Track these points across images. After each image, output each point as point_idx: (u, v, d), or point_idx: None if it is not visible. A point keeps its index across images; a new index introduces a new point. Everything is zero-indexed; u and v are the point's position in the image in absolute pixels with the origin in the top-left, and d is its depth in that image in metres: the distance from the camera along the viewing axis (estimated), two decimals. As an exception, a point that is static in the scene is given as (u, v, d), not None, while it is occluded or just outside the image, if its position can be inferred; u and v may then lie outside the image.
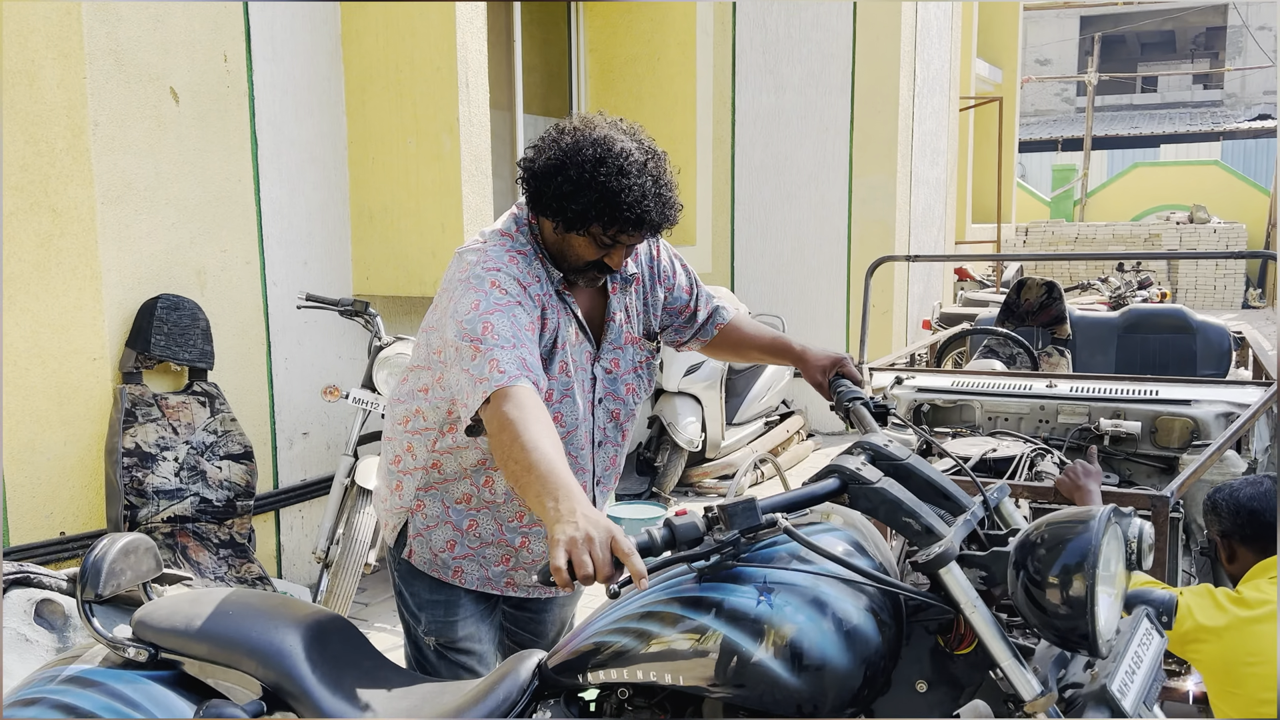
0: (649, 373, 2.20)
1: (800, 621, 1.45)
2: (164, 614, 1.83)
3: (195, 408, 3.77)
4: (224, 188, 4.02)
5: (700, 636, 1.48)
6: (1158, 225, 16.54)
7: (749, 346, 2.34)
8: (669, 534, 1.47)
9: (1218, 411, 3.43)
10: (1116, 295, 8.74)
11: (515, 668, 1.68)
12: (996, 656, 1.44)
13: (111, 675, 1.79)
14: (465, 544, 2.11)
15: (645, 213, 1.91)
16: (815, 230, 7.49)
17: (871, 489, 1.57)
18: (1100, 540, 1.41)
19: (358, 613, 4.28)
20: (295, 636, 1.76)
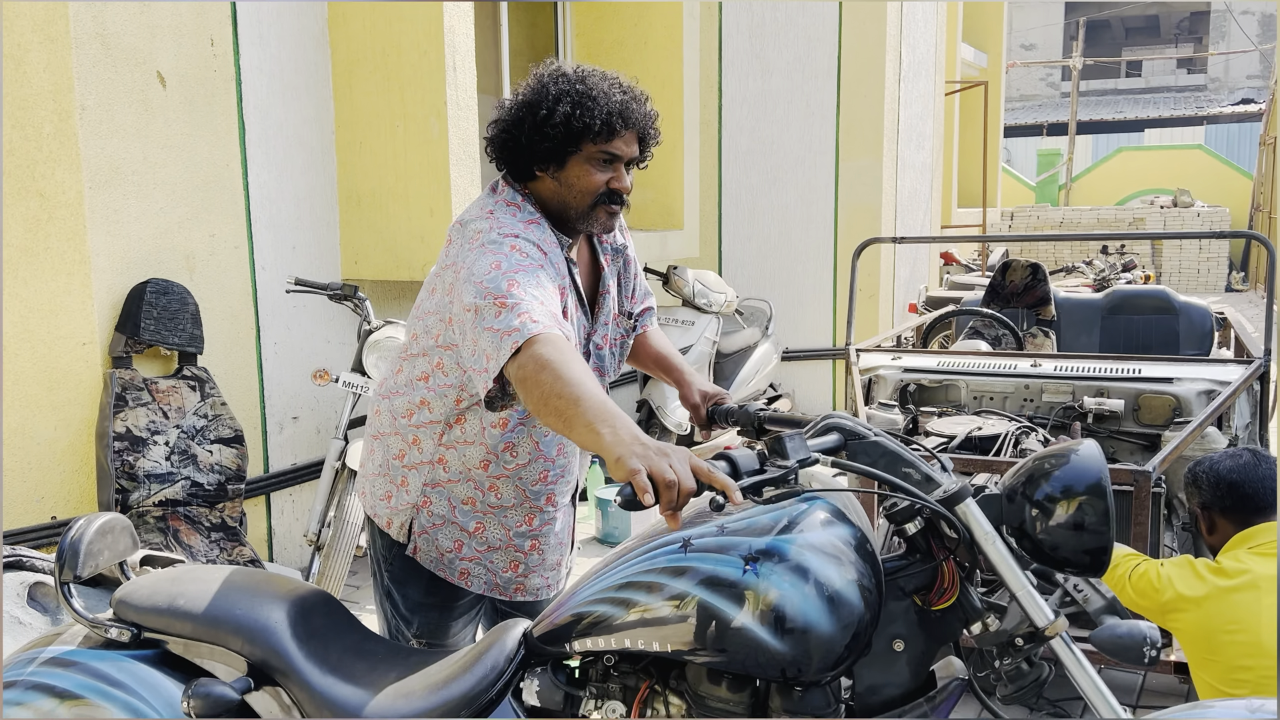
0: (622, 352, 2.18)
1: (783, 588, 1.47)
2: (145, 593, 1.81)
3: (185, 392, 3.78)
4: (212, 172, 4.02)
5: (681, 602, 1.50)
6: (1142, 209, 16.64)
7: (647, 358, 2.28)
8: (730, 466, 1.49)
9: (1199, 389, 3.47)
10: (1101, 278, 8.80)
11: (501, 637, 1.69)
12: (1012, 587, 1.51)
13: (93, 655, 1.78)
14: (472, 547, 2.05)
15: (625, 107, 1.89)
16: (802, 214, 7.51)
17: (870, 443, 1.61)
18: (1103, 459, 1.53)
19: (349, 595, 4.30)
20: (279, 612, 1.76)
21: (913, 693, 1.57)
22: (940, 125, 9.70)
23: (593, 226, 1.96)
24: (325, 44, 4.56)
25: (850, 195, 7.44)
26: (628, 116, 1.90)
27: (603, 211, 1.94)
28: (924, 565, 1.57)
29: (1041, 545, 1.54)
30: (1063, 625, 1.51)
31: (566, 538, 2.17)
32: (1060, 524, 1.51)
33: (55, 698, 1.72)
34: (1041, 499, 1.53)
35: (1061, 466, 1.54)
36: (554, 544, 2.12)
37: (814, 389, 7.61)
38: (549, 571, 2.13)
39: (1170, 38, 31.63)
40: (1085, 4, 28.67)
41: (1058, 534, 1.52)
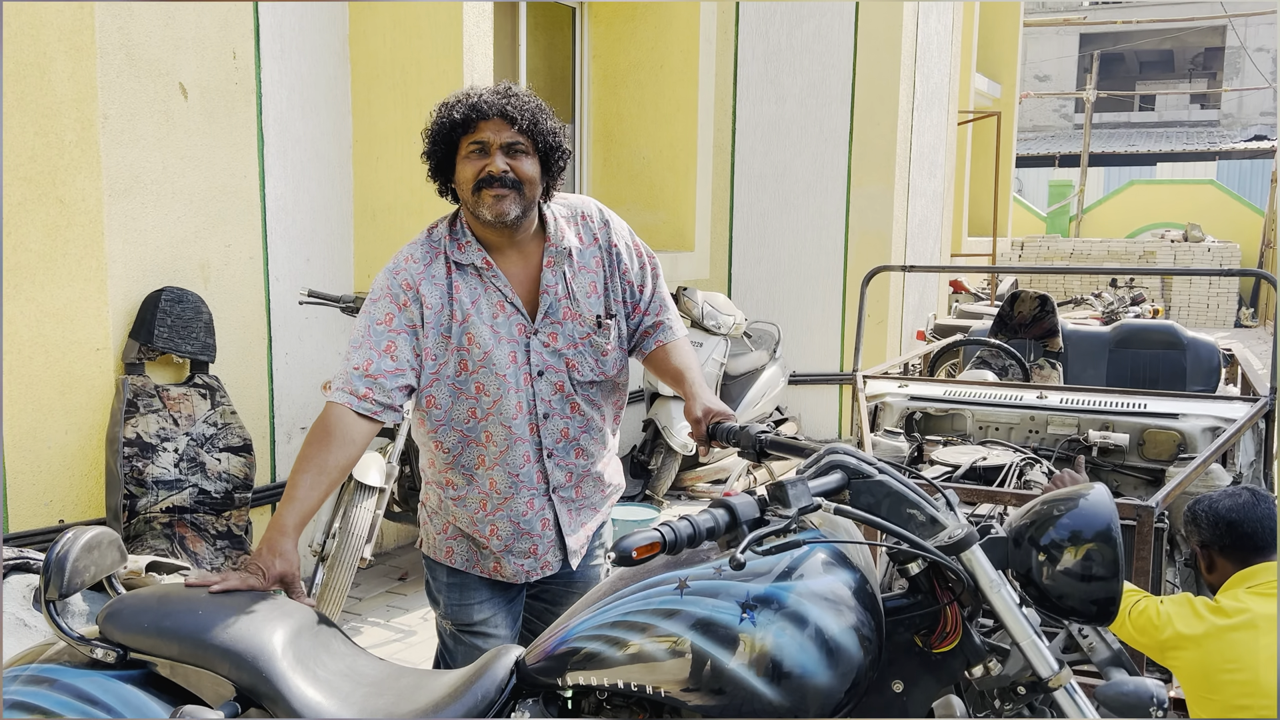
0: (593, 350, 2.19)
1: (781, 636, 1.45)
2: (132, 613, 1.77)
3: (196, 400, 3.80)
4: (229, 183, 4.06)
5: (674, 644, 1.48)
6: (1152, 243, 16.64)
7: (666, 370, 2.32)
8: (729, 515, 1.48)
9: (1205, 425, 3.48)
10: (1109, 311, 8.81)
11: (492, 665, 1.67)
12: (1016, 636, 1.48)
13: (78, 675, 1.73)
14: (454, 530, 2.26)
15: (485, 99, 2.06)
16: (813, 239, 7.54)
17: (875, 483, 1.56)
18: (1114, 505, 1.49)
19: (352, 607, 4.31)
20: (269, 634, 1.72)
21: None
22: (952, 154, 9.74)
23: (484, 212, 2.07)
24: (345, 59, 4.61)
25: (861, 221, 7.46)
26: (481, 107, 2.05)
27: (486, 195, 2.06)
28: (927, 607, 1.54)
29: (1048, 592, 1.50)
30: (1067, 677, 1.47)
31: (540, 530, 2.21)
32: (1068, 572, 1.48)
33: (36, 717, 1.68)
34: (1049, 545, 1.49)
35: (1070, 511, 1.50)
36: (516, 532, 2.20)
37: (820, 413, 7.62)
38: (521, 559, 2.23)
39: (1184, 72, 31.70)
40: (1100, 36, 28.76)
41: (1065, 582, 1.48)
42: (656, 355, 2.33)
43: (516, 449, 2.16)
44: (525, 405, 2.14)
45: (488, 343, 2.11)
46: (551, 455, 2.19)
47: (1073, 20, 25.81)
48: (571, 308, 2.17)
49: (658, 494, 5.95)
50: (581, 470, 2.25)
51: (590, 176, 7.33)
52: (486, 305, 2.13)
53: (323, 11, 4.48)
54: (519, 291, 2.16)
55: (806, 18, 7.39)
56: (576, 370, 2.18)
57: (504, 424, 2.14)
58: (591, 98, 7.25)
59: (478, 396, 2.13)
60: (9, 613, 3.05)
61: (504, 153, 2.07)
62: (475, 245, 2.14)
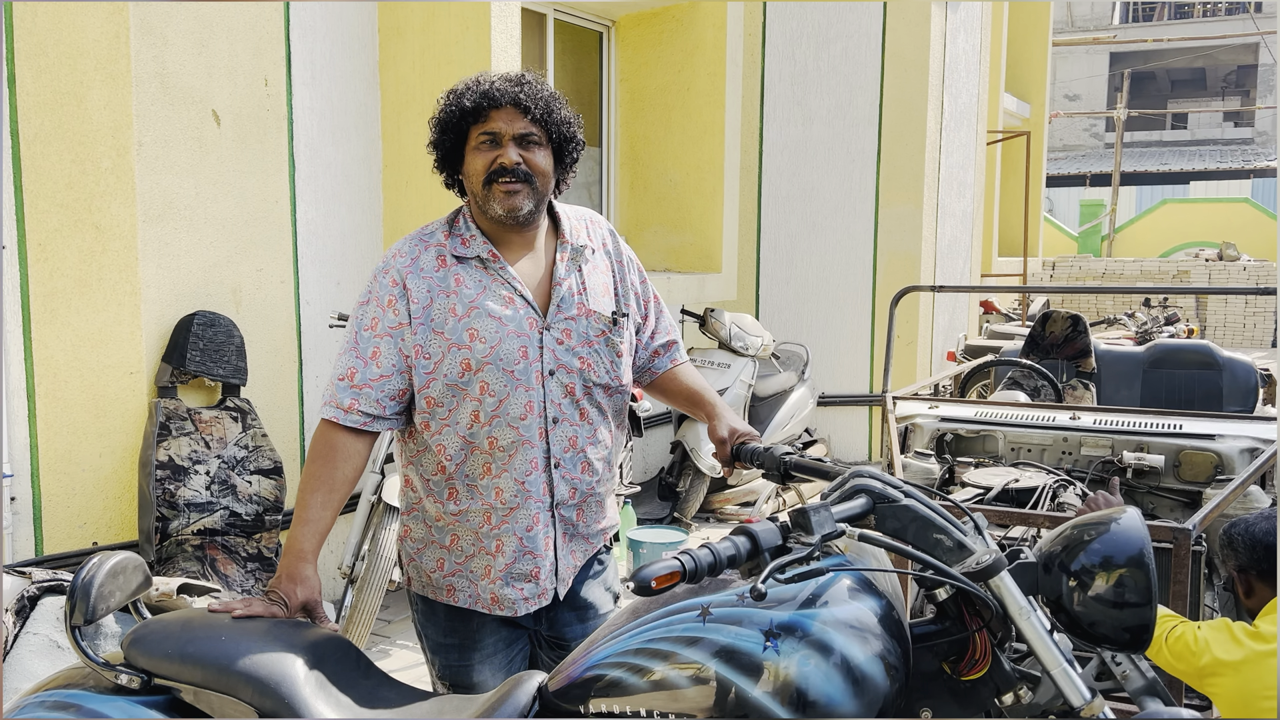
0: (609, 349, 2.09)
1: (805, 665, 1.43)
2: (155, 638, 1.78)
3: (227, 422, 3.84)
4: (261, 208, 4.11)
5: (697, 672, 1.47)
6: (1186, 262, 16.46)
7: (678, 394, 2.28)
8: (751, 543, 1.46)
9: (1242, 447, 3.42)
10: (1143, 331, 8.71)
11: (515, 690, 1.66)
12: (1047, 663, 1.44)
13: (102, 701, 1.73)
14: (452, 560, 2.08)
15: (497, 87, 1.98)
16: (841, 260, 7.52)
17: (900, 507, 1.54)
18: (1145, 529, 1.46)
19: (381, 629, 4.32)
20: (292, 661, 1.72)
21: None
22: (982, 174, 9.69)
23: (495, 207, 2.00)
24: (375, 85, 4.66)
25: (890, 242, 7.44)
26: (495, 95, 1.97)
27: (497, 190, 1.98)
28: (955, 634, 1.51)
29: (1079, 619, 1.47)
30: (1100, 706, 1.44)
31: (544, 550, 2.06)
32: (1099, 598, 1.44)
33: None
34: (1079, 571, 1.45)
35: (1101, 536, 1.46)
36: (520, 550, 2.04)
37: (850, 435, 7.57)
38: (522, 583, 2.06)
39: (1217, 90, 31.45)
40: (1130, 55, 28.60)
41: (1096, 609, 1.45)
42: (669, 377, 2.29)
43: (524, 454, 2.01)
44: (536, 406, 2.01)
45: (494, 336, 1.98)
46: (559, 465, 2.05)
47: (1102, 39, 25.70)
48: (585, 303, 2.07)
49: (686, 516, 5.93)
50: (585, 489, 2.10)
51: (618, 198, 7.35)
52: (493, 298, 2.00)
53: (353, 39, 4.53)
54: (530, 286, 2.05)
55: (833, 39, 7.40)
56: (592, 370, 2.06)
57: (511, 425, 2.00)
58: (619, 120, 7.29)
59: (481, 398, 1.98)
60: (43, 634, 3.08)
61: (516, 144, 1.98)
62: (481, 239, 2.04)
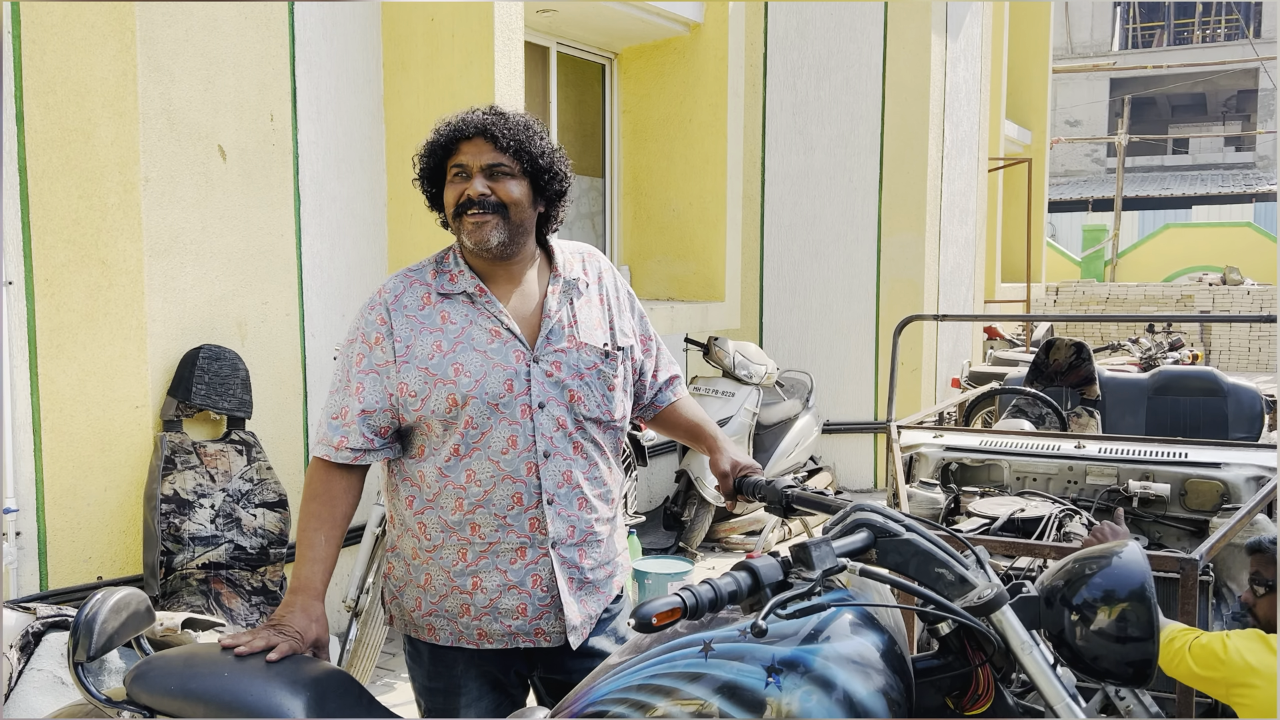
0: (601, 381, 2.06)
1: (808, 702, 1.43)
2: (158, 674, 1.78)
3: (233, 455, 3.84)
4: (267, 242, 4.14)
5: (701, 709, 1.46)
6: (1190, 286, 16.47)
7: (681, 426, 2.28)
8: (751, 578, 1.46)
9: (1248, 475, 3.41)
10: (1147, 356, 8.70)
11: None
12: (1050, 698, 1.43)
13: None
14: (428, 600, 2.04)
15: (468, 118, 2.00)
16: (844, 288, 7.54)
17: (902, 541, 1.54)
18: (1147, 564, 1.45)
19: (385, 662, 4.30)
20: (294, 696, 1.72)
21: None
22: (984, 200, 9.73)
23: (465, 238, 2.01)
24: (380, 120, 4.70)
25: (892, 269, 7.46)
26: (467, 124, 1.99)
27: (466, 221, 1.98)
28: (958, 669, 1.51)
29: (1081, 654, 1.46)
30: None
31: (531, 587, 2.00)
32: (1101, 633, 1.44)
33: None
34: (1081, 605, 1.45)
35: (1103, 570, 1.46)
36: (504, 584, 1.99)
37: (855, 462, 7.56)
38: (509, 619, 2.00)
39: (1218, 115, 31.58)
40: (1130, 81, 28.75)
41: (1098, 644, 1.44)
42: (670, 411, 2.29)
43: (503, 489, 1.96)
44: (521, 441, 1.96)
45: (479, 370, 1.96)
46: (553, 502, 1.99)
47: (1102, 66, 25.85)
48: (576, 336, 2.05)
49: (691, 546, 5.91)
50: (585, 526, 2.04)
51: (621, 229, 7.39)
52: (479, 332, 1.99)
53: (358, 74, 4.58)
54: (517, 319, 2.03)
55: (834, 69, 7.46)
56: (582, 404, 2.02)
57: (490, 459, 1.96)
58: (622, 151, 7.33)
59: (464, 431, 1.96)
60: (47, 670, 3.08)
61: (484, 175, 1.97)
62: (468, 274, 2.03)
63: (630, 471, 5.77)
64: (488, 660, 2.05)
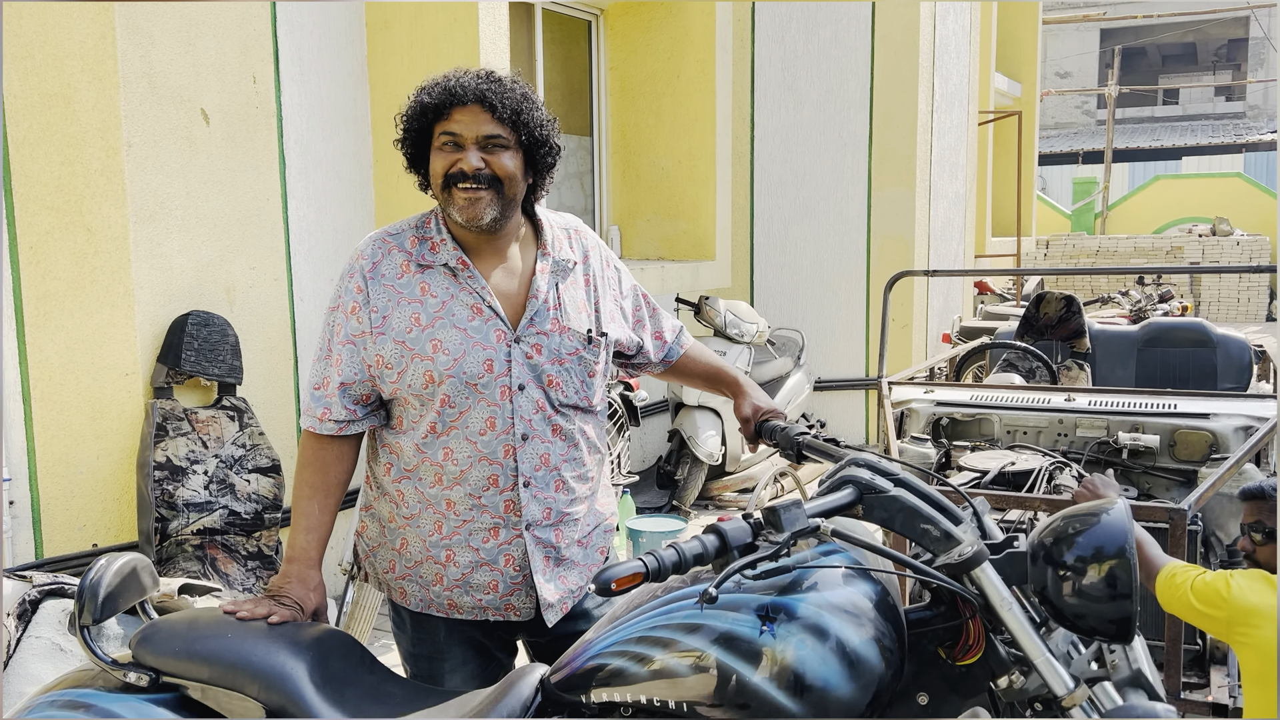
0: (581, 368, 2.01)
1: (802, 649, 1.46)
2: (162, 637, 1.81)
3: (224, 422, 3.84)
4: (253, 206, 4.10)
5: (697, 659, 1.49)
6: (1180, 238, 16.48)
7: (698, 373, 2.28)
8: (719, 540, 1.47)
9: (1237, 425, 3.44)
10: (1137, 309, 8.73)
11: (518, 683, 1.69)
12: (1029, 654, 1.46)
13: (112, 699, 1.76)
14: (402, 564, 2.03)
15: (463, 83, 1.88)
16: (834, 244, 7.53)
17: (887, 498, 1.55)
18: (1131, 523, 1.46)
19: (383, 624, 4.33)
20: (297, 657, 1.75)
21: None
22: (974, 154, 9.69)
23: (455, 213, 1.92)
24: (364, 80, 4.65)
25: (883, 225, 7.44)
26: (458, 93, 1.87)
27: (457, 195, 1.89)
28: (950, 620, 1.53)
29: (1064, 611, 1.48)
30: (1082, 696, 1.45)
31: (504, 566, 1.99)
32: (1083, 591, 1.45)
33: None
34: (1065, 563, 1.46)
35: (1088, 530, 1.47)
36: (476, 561, 1.98)
37: (847, 419, 7.59)
38: (480, 594, 1.99)
39: (1208, 65, 31.42)
40: (1120, 31, 28.56)
41: (1081, 602, 1.45)
42: (682, 363, 2.29)
43: (479, 470, 1.94)
44: (500, 423, 1.93)
45: (458, 348, 1.90)
46: (529, 485, 1.96)
47: (1092, 16, 25.65)
48: (560, 320, 1.99)
49: (684, 504, 5.94)
50: (561, 508, 2.01)
51: (610, 188, 7.35)
52: (460, 308, 1.93)
53: (340, 34, 4.52)
54: (500, 297, 1.96)
55: (823, 23, 7.39)
56: (559, 390, 1.98)
57: (469, 439, 1.93)
58: (609, 110, 7.27)
59: (441, 410, 1.92)
60: (45, 638, 3.09)
61: (479, 147, 1.88)
62: (451, 244, 1.95)
63: (623, 431, 5.79)
64: (469, 626, 2.06)
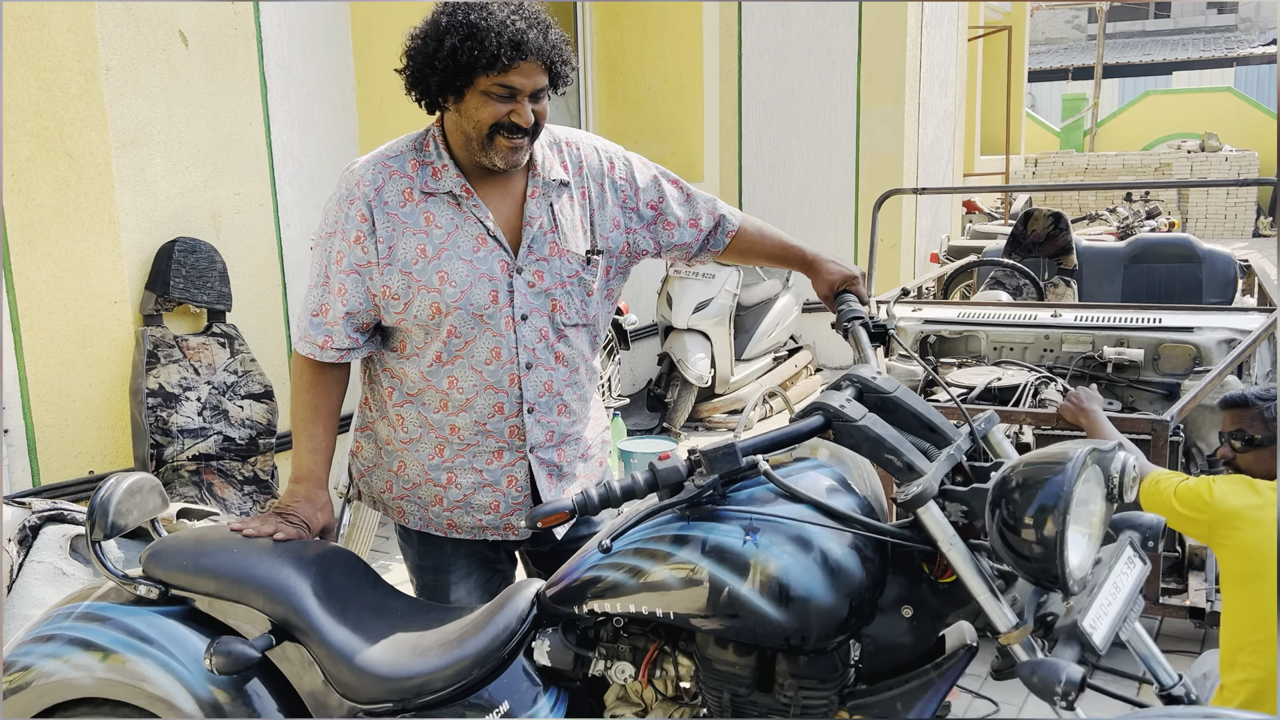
0: (581, 288, 2.01)
1: (785, 559, 1.49)
2: (171, 553, 1.87)
3: (215, 349, 3.85)
4: (235, 130, 4.05)
5: (689, 572, 1.53)
6: (1169, 154, 16.40)
7: (758, 253, 2.22)
8: (652, 478, 1.53)
9: (1220, 338, 3.48)
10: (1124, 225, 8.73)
11: (514, 597, 1.73)
12: (973, 591, 1.48)
13: (125, 611, 1.84)
14: (400, 486, 2.06)
15: (521, 37, 1.80)
16: (823, 164, 7.48)
17: (854, 426, 1.57)
18: (1074, 484, 1.42)
19: (380, 545, 4.40)
20: (300, 571, 1.80)
21: (923, 657, 1.59)
22: (963, 71, 9.58)
23: (495, 159, 1.88)
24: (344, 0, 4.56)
25: (871, 144, 7.39)
26: (523, 47, 1.81)
27: (501, 143, 1.86)
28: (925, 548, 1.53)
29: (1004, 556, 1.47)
30: (1018, 636, 1.46)
31: (506, 487, 2.02)
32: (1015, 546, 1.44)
33: (92, 651, 1.79)
34: (1004, 515, 1.45)
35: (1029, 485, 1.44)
36: (479, 483, 2.01)
37: (835, 341, 7.63)
38: (481, 514, 2.02)
39: (1201, -24, 30.92)
40: (1113, -57, 28.01)
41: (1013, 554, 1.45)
42: (735, 246, 2.19)
43: (485, 398, 1.95)
44: (505, 353, 1.94)
45: (464, 280, 1.89)
46: (533, 410, 1.98)
47: (1085, -73, 25.11)
48: (558, 243, 1.97)
49: (674, 426, 6.00)
50: (564, 430, 2.04)
51: (595, 108, 7.26)
52: (465, 238, 1.91)
53: (319, -49, 4.42)
54: (500, 224, 1.94)
55: (810, -64, 7.24)
56: (562, 312, 1.98)
57: (474, 369, 1.94)
58: (594, 27, 7.15)
59: (447, 340, 1.92)
60: (47, 562, 3.14)
61: (532, 100, 1.86)
62: (454, 171, 1.92)
63: (613, 355, 5.81)
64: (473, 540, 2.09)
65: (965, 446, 1.63)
